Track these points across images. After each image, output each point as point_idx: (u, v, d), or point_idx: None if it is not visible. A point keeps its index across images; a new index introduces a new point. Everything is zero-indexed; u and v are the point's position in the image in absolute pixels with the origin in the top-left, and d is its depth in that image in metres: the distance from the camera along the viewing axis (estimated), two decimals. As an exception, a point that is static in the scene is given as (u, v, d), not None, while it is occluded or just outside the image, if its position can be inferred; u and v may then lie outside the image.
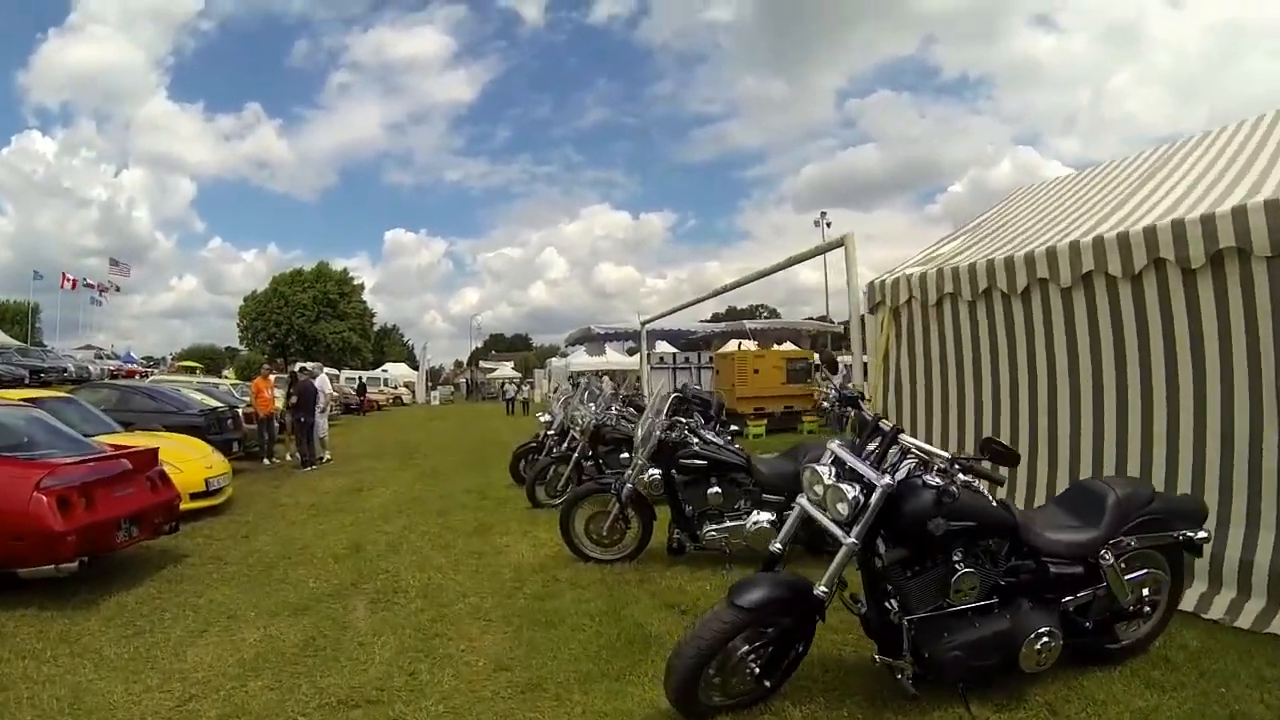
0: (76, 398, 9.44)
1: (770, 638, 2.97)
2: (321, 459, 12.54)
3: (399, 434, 20.09)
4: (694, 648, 2.84)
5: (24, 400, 7.31)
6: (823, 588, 2.90)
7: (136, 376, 23.83)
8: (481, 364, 66.77)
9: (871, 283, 6.81)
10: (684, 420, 5.56)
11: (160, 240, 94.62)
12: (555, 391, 17.91)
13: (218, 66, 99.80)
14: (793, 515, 3.24)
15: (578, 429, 7.86)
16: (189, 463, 7.65)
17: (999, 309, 5.45)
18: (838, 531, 2.88)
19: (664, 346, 26.85)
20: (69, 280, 51.09)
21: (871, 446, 3.03)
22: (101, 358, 37.92)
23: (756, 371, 17.27)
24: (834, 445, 3.14)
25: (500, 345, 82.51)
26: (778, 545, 3.23)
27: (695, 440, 5.49)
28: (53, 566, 4.57)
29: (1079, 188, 6.50)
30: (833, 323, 29.80)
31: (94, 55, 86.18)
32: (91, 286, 53.14)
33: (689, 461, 5.40)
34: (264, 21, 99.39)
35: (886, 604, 2.93)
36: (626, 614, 4.35)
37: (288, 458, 12.87)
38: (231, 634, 4.21)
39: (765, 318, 27.57)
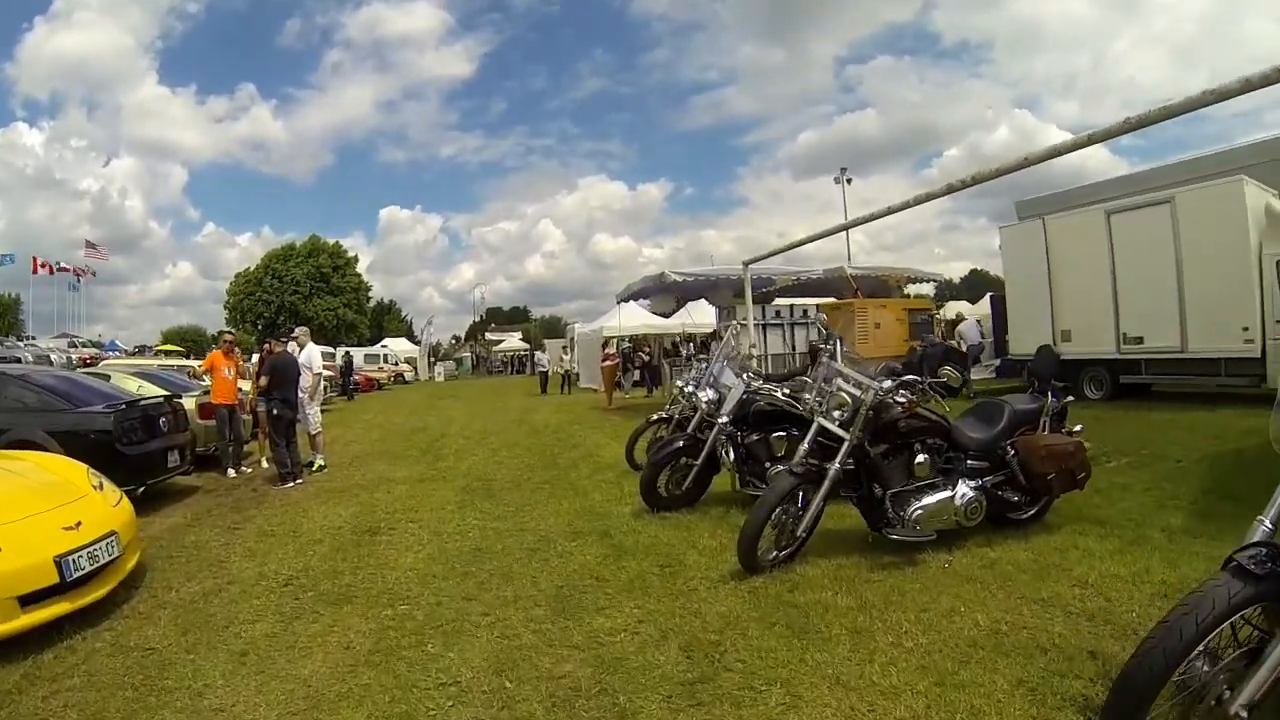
0: None
1: None
2: (310, 467, 8.55)
3: (411, 418, 16.05)
4: None
5: None
6: None
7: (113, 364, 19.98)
8: (487, 336, 63.02)
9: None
10: None
11: (154, 229, 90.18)
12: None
13: (208, 49, 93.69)
14: None
15: (839, 416, 3.86)
16: (17, 525, 3.63)
17: None
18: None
19: (705, 305, 22.39)
20: (42, 266, 47.06)
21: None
22: (75, 346, 34.21)
23: (878, 326, 14.57)
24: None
25: (499, 318, 78.77)
26: None
27: None
28: None
29: None
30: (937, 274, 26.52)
31: (81, 42, 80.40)
32: (67, 270, 49.11)
33: None
34: (254, 1, 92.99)
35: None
36: None
37: (263, 464, 8.88)
38: None
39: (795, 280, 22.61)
